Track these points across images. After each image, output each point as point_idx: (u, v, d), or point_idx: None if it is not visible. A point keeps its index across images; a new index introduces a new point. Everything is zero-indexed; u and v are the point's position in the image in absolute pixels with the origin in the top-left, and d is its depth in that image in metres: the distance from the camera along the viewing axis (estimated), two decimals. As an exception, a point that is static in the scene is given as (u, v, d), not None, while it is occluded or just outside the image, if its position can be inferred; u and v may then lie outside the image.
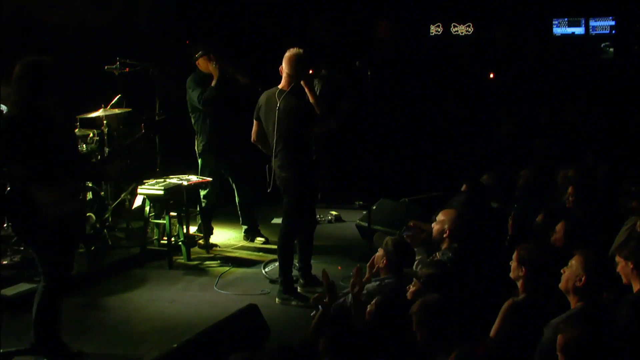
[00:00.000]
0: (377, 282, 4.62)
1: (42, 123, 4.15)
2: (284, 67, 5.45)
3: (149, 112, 6.86)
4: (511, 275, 3.83)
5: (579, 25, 12.51)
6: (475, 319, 3.68)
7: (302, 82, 5.43)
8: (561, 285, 3.50)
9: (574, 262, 3.47)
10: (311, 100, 5.46)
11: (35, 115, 4.14)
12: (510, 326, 3.54)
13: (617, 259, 3.71)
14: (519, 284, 3.78)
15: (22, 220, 4.20)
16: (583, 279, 3.38)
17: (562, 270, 3.51)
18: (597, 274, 3.41)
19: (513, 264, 3.81)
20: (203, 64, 6.78)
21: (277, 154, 5.50)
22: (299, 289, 5.75)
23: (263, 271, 6.25)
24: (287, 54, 5.44)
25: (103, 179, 6.54)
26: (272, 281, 5.93)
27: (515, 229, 5.20)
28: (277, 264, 5.81)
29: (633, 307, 3.46)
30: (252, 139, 5.80)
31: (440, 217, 4.94)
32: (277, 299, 5.56)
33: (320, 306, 4.28)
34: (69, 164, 4.28)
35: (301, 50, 5.45)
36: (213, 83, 6.64)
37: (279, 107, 5.42)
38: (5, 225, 5.70)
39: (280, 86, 5.49)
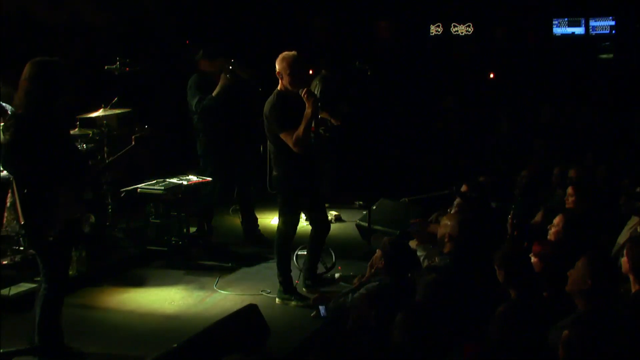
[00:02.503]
0: (377, 282, 4.62)
1: (51, 125, 4.16)
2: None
3: (139, 125, 6.75)
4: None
5: (579, 25, 12.53)
6: (471, 322, 3.69)
7: (303, 93, 5.24)
8: (567, 288, 3.50)
9: (580, 265, 3.45)
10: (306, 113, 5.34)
11: (46, 116, 4.14)
12: (502, 330, 3.54)
13: (623, 260, 3.71)
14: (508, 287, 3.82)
15: (35, 222, 4.19)
16: (589, 282, 3.37)
17: (568, 273, 3.51)
18: (603, 277, 3.39)
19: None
20: (204, 65, 6.77)
21: (270, 153, 5.54)
22: (303, 290, 5.71)
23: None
24: (279, 56, 5.38)
25: (97, 185, 6.53)
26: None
27: (516, 228, 5.20)
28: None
29: (631, 308, 3.46)
30: None
31: (444, 221, 4.95)
32: (277, 299, 5.56)
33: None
34: (75, 165, 4.29)
35: (293, 53, 5.36)
36: (215, 92, 6.57)
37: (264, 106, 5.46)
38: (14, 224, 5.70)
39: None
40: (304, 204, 5.62)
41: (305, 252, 6.03)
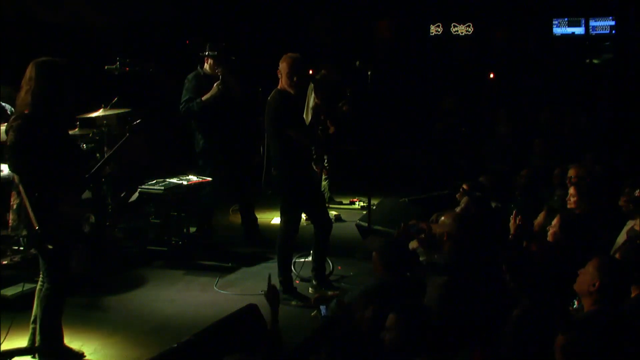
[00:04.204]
0: (377, 282, 4.61)
1: (56, 125, 4.16)
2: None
3: (132, 116, 6.77)
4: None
5: (579, 25, 12.53)
6: (473, 323, 3.69)
7: (312, 87, 5.34)
8: (575, 287, 3.50)
9: (589, 266, 3.45)
10: (310, 106, 5.42)
11: (53, 117, 4.13)
12: (514, 336, 3.54)
13: None
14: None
15: (48, 224, 4.18)
16: (597, 283, 3.37)
17: (578, 272, 3.52)
18: (611, 280, 3.38)
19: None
20: (209, 63, 6.72)
21: (268, 152, 5.55)
22: (310, 290, 5.72)
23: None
24: (284, 55, 5.44)
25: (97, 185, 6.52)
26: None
27: (520, 228, 5.18)
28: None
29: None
30: None
31: (443, 219, 4.94)
32: (277, 299, 5.55)
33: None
34: (76, 165, 4.30)
35: (296, 56, 5.39)
36: (204, 97, 6.55)
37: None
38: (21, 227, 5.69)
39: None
40: (304, 202, 5.62)
41: (303, 260, 6.09)
